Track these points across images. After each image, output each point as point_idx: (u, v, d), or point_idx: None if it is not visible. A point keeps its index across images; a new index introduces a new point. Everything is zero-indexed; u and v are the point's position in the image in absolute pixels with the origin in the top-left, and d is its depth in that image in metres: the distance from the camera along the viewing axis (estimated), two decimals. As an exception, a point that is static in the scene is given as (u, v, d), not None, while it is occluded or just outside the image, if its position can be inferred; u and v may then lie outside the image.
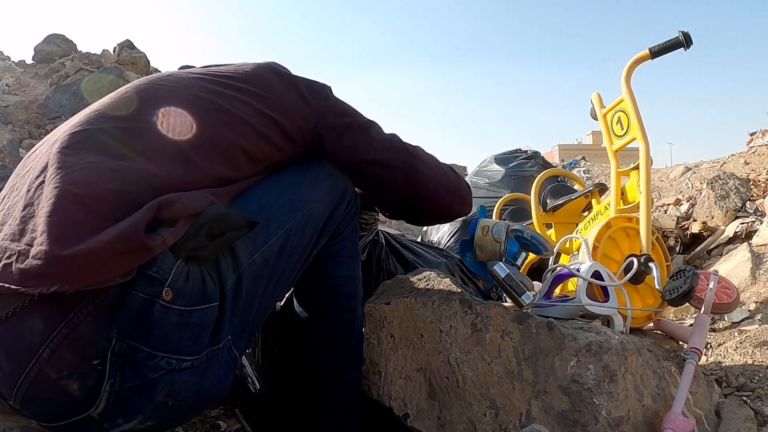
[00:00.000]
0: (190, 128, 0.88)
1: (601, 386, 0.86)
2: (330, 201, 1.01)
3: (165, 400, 0.76)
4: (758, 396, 1.20)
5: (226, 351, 0.84)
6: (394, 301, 1.13)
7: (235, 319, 0.85)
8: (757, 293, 1.92)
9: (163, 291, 0.73)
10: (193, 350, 0.77)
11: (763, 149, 4.03)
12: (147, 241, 0.71)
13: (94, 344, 0.71)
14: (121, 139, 0.83)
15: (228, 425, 1.25)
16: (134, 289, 0.72)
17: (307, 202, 0.97)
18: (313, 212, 0.98)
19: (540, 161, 3.11)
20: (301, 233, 0.95)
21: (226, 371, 0.85)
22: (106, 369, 0.72)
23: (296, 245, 0.95)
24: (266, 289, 0.90)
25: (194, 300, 0.77)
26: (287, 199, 0.96)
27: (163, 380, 0.75)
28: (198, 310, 0.77)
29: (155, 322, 0.73)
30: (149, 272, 0.73)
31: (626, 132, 1.47)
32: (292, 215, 0.94)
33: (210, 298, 0.79)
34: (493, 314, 0.99)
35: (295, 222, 0.94)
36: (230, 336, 0.84)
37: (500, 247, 1.04)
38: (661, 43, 1.41)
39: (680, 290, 1.17)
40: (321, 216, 1.00)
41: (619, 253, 1.37)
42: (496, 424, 0.94)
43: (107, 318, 0.71)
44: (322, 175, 1.03)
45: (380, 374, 1.13)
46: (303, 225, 0.96)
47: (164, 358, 0.74)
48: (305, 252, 0.98)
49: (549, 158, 4.92)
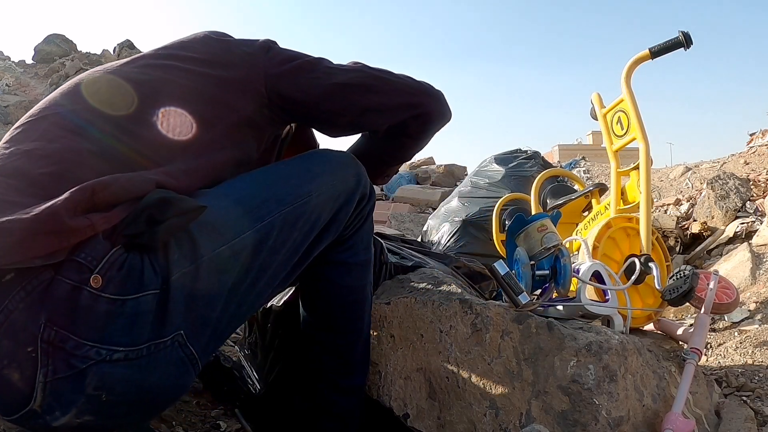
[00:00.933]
0: (130, 102, 0.86)
1: (601, 386, 0.86)
2: (334, 197, 0.95)
3: (97, 393, 0.73)
4: (758, 396, 1.20)
5: (178, 347, 0.78)
6: (394, 301, 1.13)
7: (191, 314, 0.79)
8: (757, 293, 1.92)
9: (91, 278, 0.71)
10: (126, 341, 0.73)
11: (763, 149, 4.03)
12: (69, 223, 0.68)
13: (26, 330, 0.70)
14: (61, 123, 0.83)
15: (228, 425, 1.25)
16: (61, 275, 0.70)
17: (300, 196, 0.91)
18: (308, 208, 0.92)
19: (540, 161, 3.10)
20: (289, 229, 0.89)
21: (180, 369, 0.80)
22: (38, 357, 0.70)
23: (282, 242, 0.88)
24: (237, 285, 0.84)
25: (128, 289, 0.73)
26: (274, 192, 0.90)
27: (92, 371, 0.72)
28: (132, 300, 0.73)
29: (83, 310, 0.71)
30: (77, 258, 0.71)
31: (626, 132, 1.46)
32: (277, 208, 0.88)
33: (146, 285, 0.74)
34: (493, 314, 0.99)
35: (280, 216, 0.88)
36: (183, 331, 0.78)
37: (538, 250, 1.04)
38: (661, 43, 1.41)
39: (680, 290, 1.17)
40: (320, 213, 0.93)
41: (619, 253, 1.37)
42: (496, 424, 0.94)
43: (37, 304, 0.70)
44: (327, 169, 0.97)
45: (380, 374, 1.13)
46: (292, 220, 0.90)
47: (93, 348, 0.71)
48: (297, 251, 0.92)
49: (549, 158, 4.92)
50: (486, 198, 2.84)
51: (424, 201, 5.81)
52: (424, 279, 1.18)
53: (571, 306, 1.09)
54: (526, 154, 3.15)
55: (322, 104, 1.01)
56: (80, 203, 0.71)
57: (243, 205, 0.87)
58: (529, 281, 1.03)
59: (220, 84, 0.93)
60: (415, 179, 7.38)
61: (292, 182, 0.93)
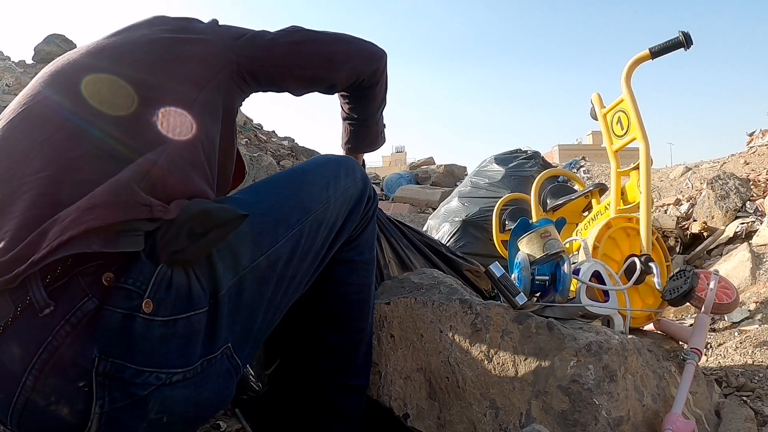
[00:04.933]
0: (130, 101, 0.85)
1: (601, 386, 0.86)
2: (347, 201, 0.97)
3: (159, 417, 0.72)
4: (758, 396, 1.20)
5: (226, 359, 0.79)
6: (394, 301, 1.13)
7: (237, 326, 0.80)
8: (757, 293, 1.92)
9: (142, 303, 0.68)
10: (182, 362, 0.73)
11: (763, 149, 4.03)
12: (139, 194, 0.69)
13: (77, 366, 0.67)
14: (52, 118, 0.83)
15: (228, 425, 1.25)
16: (111, 305, 0.68)
17: (322, 203, 0.93)
18: (328, 213, 0.93)
19: (540, 161, 3.11)
20: (314, 236, 0.91)
21: (228, 380, 0.81)
22: (94, 390, 0.68)
23: (308, 249, 0.90)
24: (274, 294, 0.86)
25: (178, 308, 0.72)
26: (299, 199, 0.91)
27: (154, 396, 0.70)
28: (183, 319, 0.72)
29: (138, 337, 0.69)
30: (125, 285, 0.68)
31: (626, 132, 1.46)
32: (304, 216, 0.89)
33: (196, 304, 0.74)
34: (493, 314, 0.99)
35: (307, 224, 0.89)
36: (230, 343, 0.79)
37: (540, 255, 1.05)
38: (661, 43, 1.41)
39: (680, 290, 1.17)
40: (336, 218, 0.95)
41: (619, 253, 1.37)
42: (496, 424, 0.94)
43: (86, 338, 0.67)
44: (340, 174, 0.98)
45: (380, 374, 1.13)
46: (316, 227, 0.91)
47: (153, 374, 0.70)
48: (318, 256, 0.93)
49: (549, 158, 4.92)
50: (486, 198, 2.85)
51: (424, 201, 5.81)
52: (424, 279, 1.18)
53: (571, 306, 1.09)
54: (526, 154, 3.15)
55: (284, 60, 1.04)
56: (142, 179, 0.71)
57: (274, 214, 0.87)
58: (528, 285, 1.04)
59: (199, 44, 0.95)
60: (415, 179, 7.38)
61: (314, 189, 0.94)
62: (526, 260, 1.05)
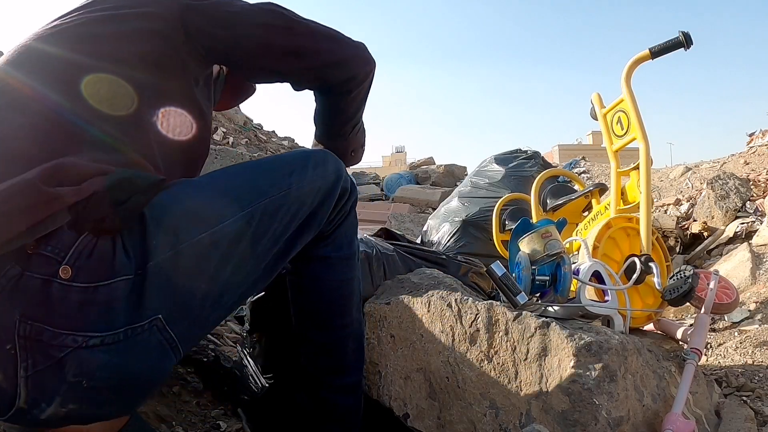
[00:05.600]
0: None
1: (601, 386, 0.86)
2: (314, 191, 0.95)
3: (78, 380, 0.73)
4: (758, 396, 1.20)
5: (157, 331, 0.78)
6: (394, 301, 1.13)
7: (170, 300, 0.79)
8: (757, 293, 1.92)
9: (59, 269, 0.71)
10: (102, 327, 0.74)
11: (763, 149, 4.03)
12: (46, 190, 0.69)
13: (4, 328, 0.71)
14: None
15: (228, 425, 1.25)
16: (30, 270, 0.71)
17: (281, 189, 0.91)
18: (289, 198, 0.92)
19: (540, 161, 3.11)
20: (269, 219, 0.89)
21: (160, 354, 0.80)
22: (17, 353, 0.71)
23: (261, 232, 0.88)
24: (218, 273, 0.84)
25: (99, 275, 0.73)
26: (256, 183, 0.91)
27: (71, 358, 0.72)
28: (104, 286, 0.73)
29: (56, 302, 0.71)
30: (44, 252, 0.71)
31: (626, 132, 1.46)
32: (258, 199, 0.88)
33: (118, 272, 0.74)
34: (493, 314, 0.99)
35: (261, 206, 0.88)
36: (161, 315, 0.78)
37: (541, 255, 1.05)
38: (661, 43, 1.41)
39: (680, 290, 1.17)
40: (300, 205, 0.93)
41: (619, 253, 1.37)
42: (496, 424, 0.94)
43: (10, 302, 0.71)
44: (308, 164, 0.96)
45: (380, 374, 1.13)
46: (272, 211, 0.89)
47: (69, 336, 0.72)
48: (277, 241, 0.91)
49: (549, 158, 4.91)
50: (486, 198, 2.85)
51: (424, 201, 5.81)
52: (424, 279, 1.18)
53: (571, 306, 1.09)
54: (526, 154, 3.15)
55: (250, 47, 0.99)
56: (52, 177, 0.71)
57: (226, 194, 0.88)
58: (529, 285, 1.04)
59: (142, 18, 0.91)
60: (415, 179, 7.38)
61: (274, 175, 0.93)
62: (526, 260, 1.05)
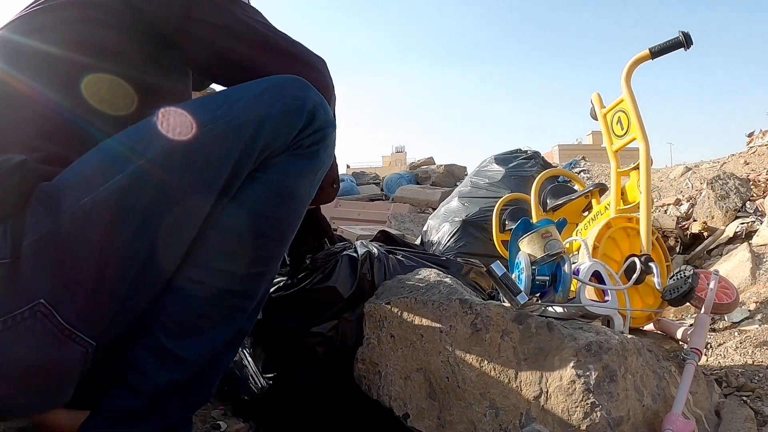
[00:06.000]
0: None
1: (601, 386, 0.86)
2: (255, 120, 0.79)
3: None
4: (758, 396, 1.20)
5: (42, 317, 0.70)
6: (394, 301, 1.13)
7: (54, 280, 0.71)
8: (757, 293, 1.92)
9: None
10: None
11: (763, 149, 4.03)
12: None
13: None
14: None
15: (228, 425, 1.25)
16: None
17: (204, 123, 0.77)
18: (212, 136, 0.76)
19: (540, 161, 3.11)
20: (181, 164, 0.75)
21: (50, 341, 0.71)
22: None
23: (175, 181, 0.75)
24: (109, 240, 0.73)
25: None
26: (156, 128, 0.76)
27: None
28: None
29: None
30: None
31: (626, 132, 1.46)
32: (158, 143, 0.75)
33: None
34: (493, 314, 0.99)
35: (162, 152, 0.75)
36: (43, 299, 0.70)
37: (541, 255, 1.05)
38: (661, 43, 1.41)
39: (680, 290, 1.17)
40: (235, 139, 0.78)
41: (619, 253, 1.37)
42: (496, 424, 0.94)
43: None
44: (258, 90, 0.81)
45: (380, 374, 1.13)
46: (183, 153, 0.75)
47: None
48: (200, 188, 0.77)
49: (549, 158, 4.91)
50: (486, 198, 2.85)
51: (424, 201, 5.81)
52: (424, 279, 1.18)
53: (571, 306, 1.09)
54: (526, 154, 3.15)
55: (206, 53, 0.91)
56: None
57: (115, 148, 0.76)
58: (529, 285, 1.04)
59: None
60: (415, 179, 7.38)
61: (194, 111, 0.78)
62: (526, 260, 1.05)
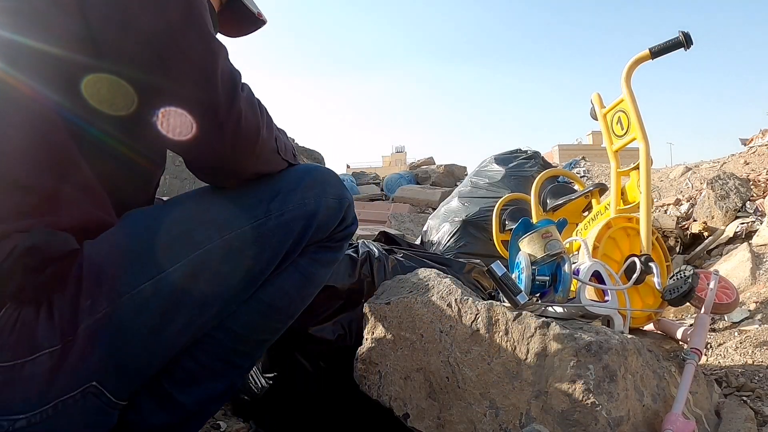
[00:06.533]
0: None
1: (601, 386, 0.86)
2: (304, 215, 0.83)
3: None
4: (758, 396, 1.20)
5: (93, 397, 0.72)
6: (394, 301, 1.13)
7: (105, 362, 0.72)
8: (757, 293, 1.92)
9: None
10: (25, 407, 0.68)
11: (763, 149, 4.03)
12: None
13: None
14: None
15: (228, 425, 1.25)
16: None
17: (256, 217, 0.79)
18: (265, 229, 0.79)
19: (540, 161, 3.11)
20: (236, 256, 0.77)
21: (99, 417, 0.74)
22: None
23: (227, 272, 0.78)
24: (164, 325, 0.75)
25: (22, 351, 0.67)
26: (217, 214, 0.78)
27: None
28: (28, 362, 0.67)
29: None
30: None
31: (626, 132, 1.46)
32: (217, 234, 0.76)
33: (41, 345, 0.68)
34: (493, 314, 0.99)
35: (220, 242, 0.76)
36: (95, 381, 0.72)
37: (541, 255, 1.05)
38: (661, 43, 1.41)
39: (680, 290, 1.17)
40: (286, 234, 0.82)
41: (619, 253, 1.37)
42: (496, 424, 0.94)
43: None
44: (302, 183, 0.84)
45: (380, 374, 1.13)
46: (238, 246, 0.78)
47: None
48: (252, 279, 0.81)
49: (549, 158, 4.92)
50: (486, 198, 2.85)
51: (424, 201, 5.81)
52: (424, 279, 1.18)
53: (571, 306, 1.09)
54: (526, 154, 3.15)
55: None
56: None
57: (171, 231, 0.76)
58: (529, 285, 1.04)
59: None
60: (415, 179, 7.38)
61: (244, 201, 0.80)
62: (527, 260, 1.05)
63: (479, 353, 0.98)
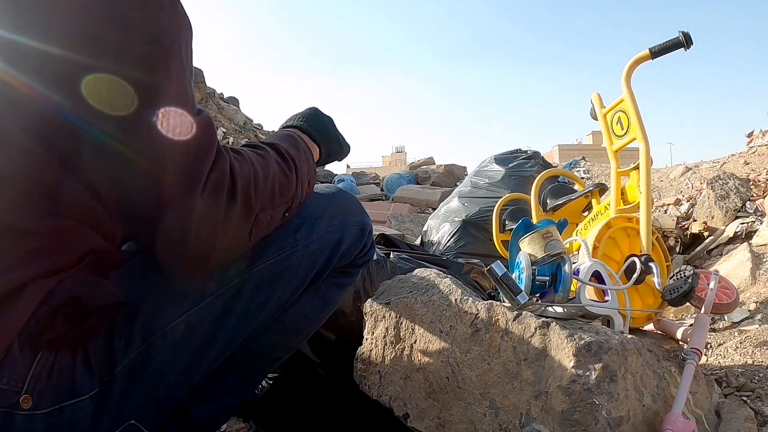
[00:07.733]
0: None
1: (601, 386, 0.86)
2: (329, 244, 0.85)
3: None
4: (758, 396, 1.20)
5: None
6: (394, 301, 1.13)
7: (142, 400, 0.72)
8: (757, 293, 1.92)
9: (20, 400, 0.64)
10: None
11: (763, 149, 4.03)
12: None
13: None
14: None
15: (228, 425, 1.25)
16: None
17: (282, 249, 0.80)
18: (292, 261, 0.80)
19: (540, 161, 3.11)
20: (268, 289, 0.79)
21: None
22: None
23: (260, 303, 0.79)
24: (196, 360, 0.76)
25: (62, 396, 0.67)
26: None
27: None
28: (68, 406, 0.67)
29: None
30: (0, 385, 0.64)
31: (626, 132, 1.46)
32: (249, 266, 0.77)
33: (80, 390, 0.68)
34: (493, 314, 0.99)
35: (253, 275, 0.77)
36: (134, 419, 0.72)
37: (542, 256, 1.05)
38: (661, 43, 1.41)
39: (680, 290, 1.17)
40: (313, 262, 0.84)
41: (619, 253, 1.37)
42: (496, 424, 0.94)
43: None
44: (326, 212, 0.85)
45: (380, 374, 1.13)
46: (271, 278, 0.78)
47: None
48: (279, 308, 0.82)
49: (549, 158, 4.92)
50: (486, 198, 2.85)
51: (424, 201, 5.81)
52: (424, 279, 1.18)
53: (571, 306, 1.09)
54: (526, 154, 3.15)
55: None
56: None
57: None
58: (529, 285, 1.04)
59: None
60: (415, 179, 7.38)
61: (274, 232, 0.79)
62: (527, 260, 1.05)
63: (479, 353, 0.98)
